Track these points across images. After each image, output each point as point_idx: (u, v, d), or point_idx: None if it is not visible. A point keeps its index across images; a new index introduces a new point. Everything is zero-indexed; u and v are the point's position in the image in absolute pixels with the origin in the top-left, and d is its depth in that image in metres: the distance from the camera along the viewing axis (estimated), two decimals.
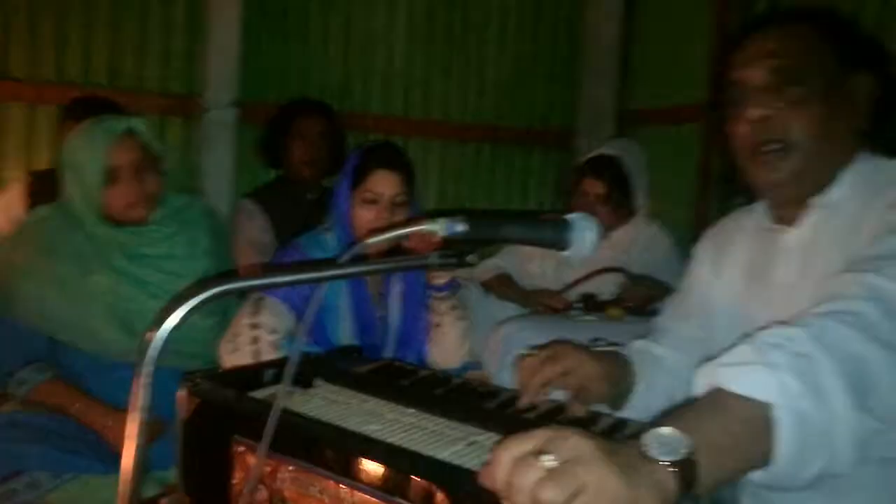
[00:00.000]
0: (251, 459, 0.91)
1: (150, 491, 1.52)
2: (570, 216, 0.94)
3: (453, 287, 1.84)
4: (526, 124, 3.74)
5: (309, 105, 2.84)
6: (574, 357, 1.12)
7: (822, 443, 0.72)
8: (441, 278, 1.81)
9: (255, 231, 2.62)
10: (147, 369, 0.70)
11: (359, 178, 1.74)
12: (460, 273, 1.91)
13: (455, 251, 0.88)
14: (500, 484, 0.62)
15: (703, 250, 1.34)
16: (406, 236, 0.84)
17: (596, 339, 1.68)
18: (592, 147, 3.56)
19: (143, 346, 0.70)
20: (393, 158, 1.76)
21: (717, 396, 0.74)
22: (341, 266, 0.81)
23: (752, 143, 1.08)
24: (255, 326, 1.59)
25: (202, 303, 0.72)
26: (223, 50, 3.07)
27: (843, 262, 1.00)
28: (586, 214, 0.94)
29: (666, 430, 0.67)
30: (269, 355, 1.55)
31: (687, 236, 2.98)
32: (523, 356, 1.14)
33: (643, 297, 2.18)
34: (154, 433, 1.59)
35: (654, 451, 0.64)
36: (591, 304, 2.09)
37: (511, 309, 2.33)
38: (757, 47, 1.10)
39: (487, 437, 0.93)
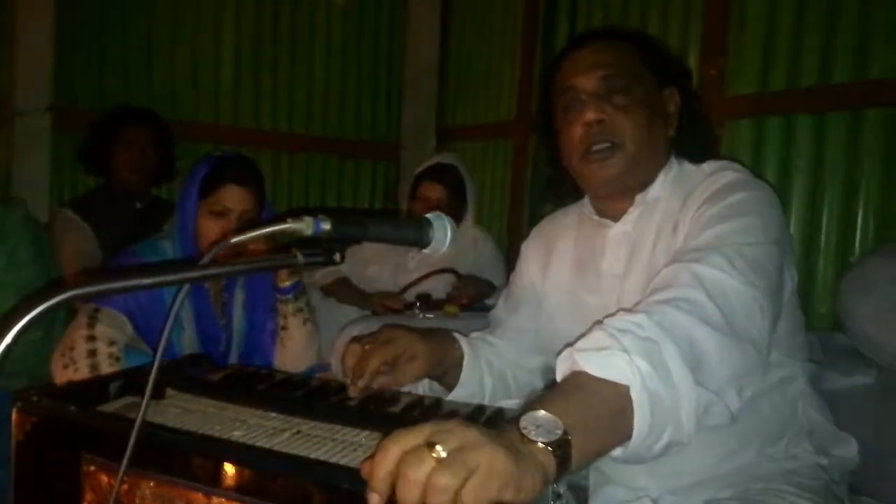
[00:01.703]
0: (104, 478, 0.79)
1: None
2: (429, 216, 0.93)
3: (298, 290, 1.76)
4: (354, 137, 3.70)
5: (136, 113, 2.61)
6: (403, 338, 1.12)
7: (669, 418, 0.76)
8: (286, 281, 1.72)
9: (79, 241, 2.36)
10: None
11: (208, 189, 1.61)
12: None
13: (320, 250, 0.83)
14: (386, 476, 0.59)
15: (530, 248, 1.38)
16: (272, 235, 0.77)
17: None
18: (416, 160, 3.63)
19: None
20: (246, 174, 1.65)
21: (580, 380, 0.75)
22: (202, 267, 0.73)
23: (586, 144, 1.12)
24: (91, 338, 1.41)
25: (43, 313, 0.61)
26: (34, 52, 2.74)
27: (665, 253, 1.07)
28: (439, 214, 0.94)
29: (541, 414, 0.67)
30: (107, 368, 1.38)
31: (501, 241, 3.13)
32: (350, 342, 1.11)
33: (473, 295, 2.23)
34: None
35: (532, 433, 0.65)
36: (429, 303, 2.10)
37: (351, 311, 2.28)
38: (588, 58, 1.15)
39: (355, 435, 0.88)
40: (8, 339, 0.58)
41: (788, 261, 1.06)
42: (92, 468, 0.80)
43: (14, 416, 0.86)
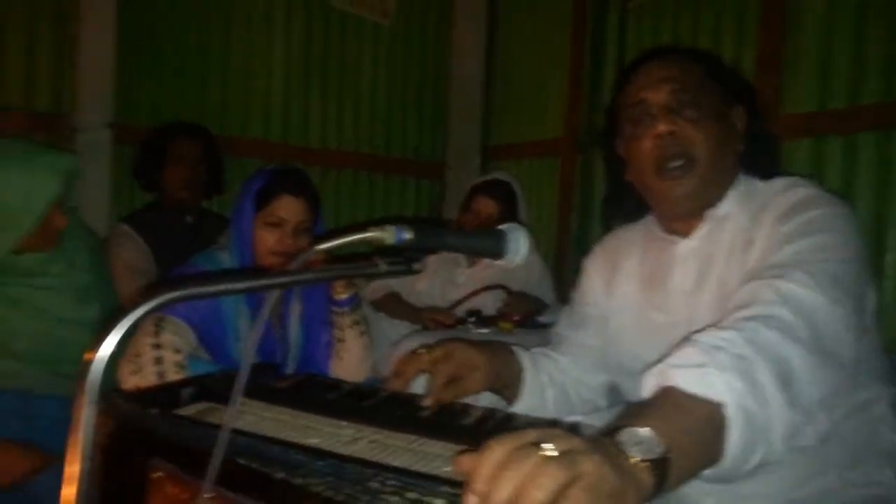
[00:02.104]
0: (169, 487, 0.80)
1: None
2: (504, 227, 0.93)
3: (354, 302, 1.77)
4: (400, 155, 3.73)
5: (186, 128, 2.65)
6: (463, 350, 1.12)
7: (762, 437, 0.74)
8: (343, 293, 1.74)
9: (132, 255, 2.39)
10: (91, 392, 0.59)
11: (264, 200, 1.64)
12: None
13: (401, 258, 0.84)
14: (490, 472, 0.56)
15: (593, 264, 1.37)
16: (356, 243, 0.78)
17: None
18: (461, 179, 3.65)
19: (85, 367, 0.59)
20: (301, 185, 1.68)
21: (675, 397, 0.74)
22: (292, 273, 0.74)
23: (659, 158, 1.11)
24: (157, 346, 1.44)
25: (148, 312, 0.63)
26: (96, 70, 2.82)
27: (738, 270, 1.05)
28: (515, 226, 0.94)
29: (641, 430, 0.65)
30: (173, 376, 1.41)
31: (548, 259, 3.11)
32: (414, 351, 1.11)
33: (525, 312, 2.22)
34: (40, 464, 1.40)
35: (632, 450, 0.63)
36: (482, 318, 2.09)
37: (402, 326, 2.29)
38: (658, 72, 1.14)
39: (431, 446, 0.88)
40: (113, 339, 0.59)
41: (869, 280, 1.03)
42: (159, 475, 0.80)
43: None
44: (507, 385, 1.21)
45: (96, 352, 0.58)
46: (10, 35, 2.71)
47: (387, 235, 0.79)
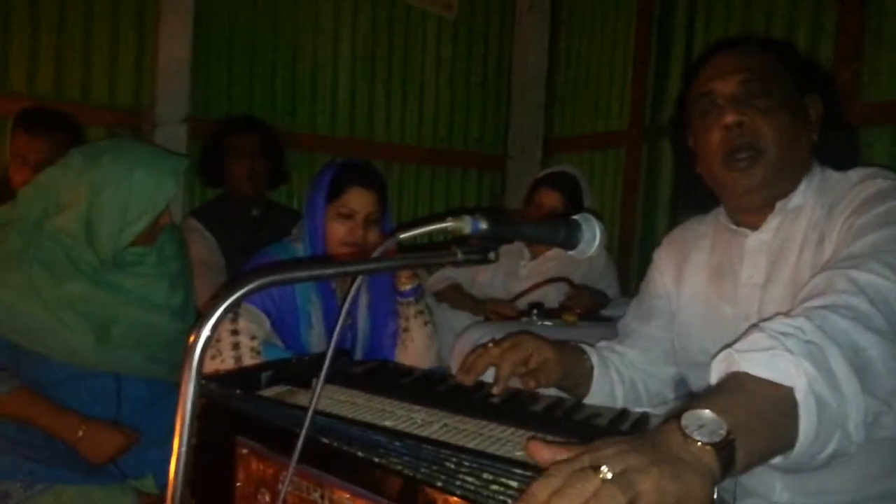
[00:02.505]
0: (254, 462, 0.84)
1: (126, 500, 1.41)
2: (577, 217, 0.94)
3: (418, 293, 1.81)
4: (462, 148, 3.76)
5: (240, 122, 2.72)
6: (531, 342, 1.13)
7: (836, 424, 0.73)
8: (407, 284, 1.78)
9: (201, 249, 2.47)
10: (194, 371, 0.63)
11: (335, 192, 1.69)
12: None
13: (477, 247, 0.86)
14: (548, 496, 0.57)
15: (662, 257, 1.36)
16: (435, 232, 0.81)
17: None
18: (522, 171, 3.65)
19: (190, 349, 0.63)
20: (370, 177, 1.73)
21: (742, 381, 0.74)
22: (375, 261, 0.77)
23: (726, 149, 1.10)
24: (235, 332, 1.51)
25: (242, 296, 0.67)
26: (174, 65, 2.94)
27: (810, 264, 1.03)
28: (588, 216, 0.95)
29: (704, 413, 0.66)
30: (249, 360, 1.47)
31: (612, 252, 3.09)
32: (483, 345, 1.13)
33: (588, 305, 2.21)
34: (129, 442, 1.48)
35: (695, 433, 0.63)
36: (545, 311, 2.10)
37: (464, 317, 2.32)
38: (727, 62, 1.13)
39: (502, 431, 0.90)
40: (213, 320, 0.63)
41: None
42: (245, 451, 0.85)
43: None
44: (577, 383, 1.23)
45: (199, 334, 0.62)
46: (95, 36, 2.86)
47: (464, 225, 0.82)
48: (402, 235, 0.78)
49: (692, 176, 1.23)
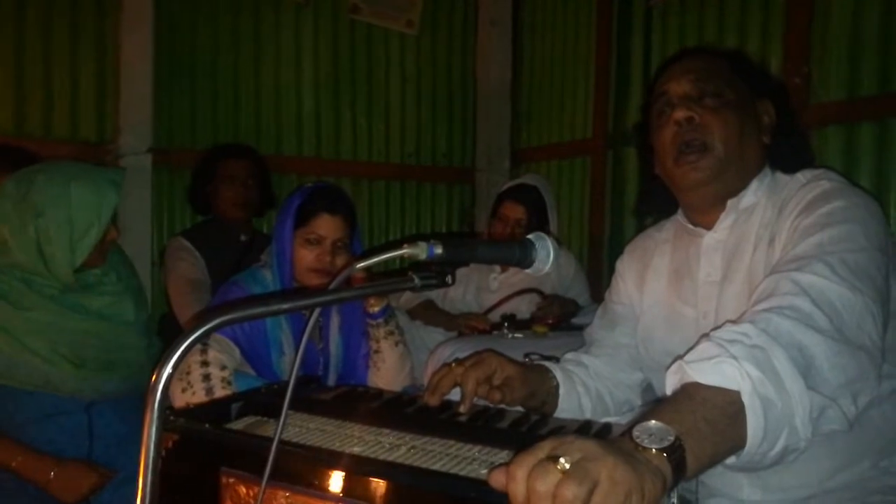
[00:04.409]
0: (242, 489, 0.86)
1: None
2: (531, 237, 0.97)
3: (388, 314, 1.82)
4: (430, 163, 3.79)
5: (235, 148, 2.77)
6: (495, 360, 1.16)
7: (784, 423, 0.77)
8: (376, 306, 1.79)
9: (189, 268, 2.51)
10: (157, 411, 0.64)
11: (302, 219, 1.70)
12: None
13: (434, 272, 0.88)
14: (519, 487, 0.62)
15: (625, 265, 1.40)
16: (392, 260, 0.83)
17: (528, 354, 1.71)
18: (492, 183, 3.69)
19: (152, 388, 0.64)
20: (338, 203, 1.74)
21: (691, 390, 0.77)
22: (333, 292, 0.79)
23: (677, 144, 1.14)
24: (205, 364, 1.51)
25: (204, 334, 0.68)
26: (136, 96, 2.94)
27: (764, 262, 1.07)
28: (541, 234, 0.97)
29: (653, 423, 0.70)
30: (221, 391, 1.48)
31: (582, 259, 3.13)
32: (447, 365, 1.16)
33: (559, 315, 2.25)
34: (102, 480, 1.48)
35: (645, 441, 0.67)
36: (517, 323, 2.13)
37: (438, 333, 2.33)
38: (683, 66, 1.19)
39: (468, 450, 0.92)
40: (172, 361, 0.65)
41: (893, 268, 1.04)
42: (231, 480, 0.86)
43: None
44: (544, 402, 1.25)
45: (161, 373, 0.63)
46: (55, 69, 2.85)
47: (420, 251, 0.84)
48: (359, 265, 0.80)
49: (654, 178, 1.28)
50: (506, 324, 2.10)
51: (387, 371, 1.80)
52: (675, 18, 2.84)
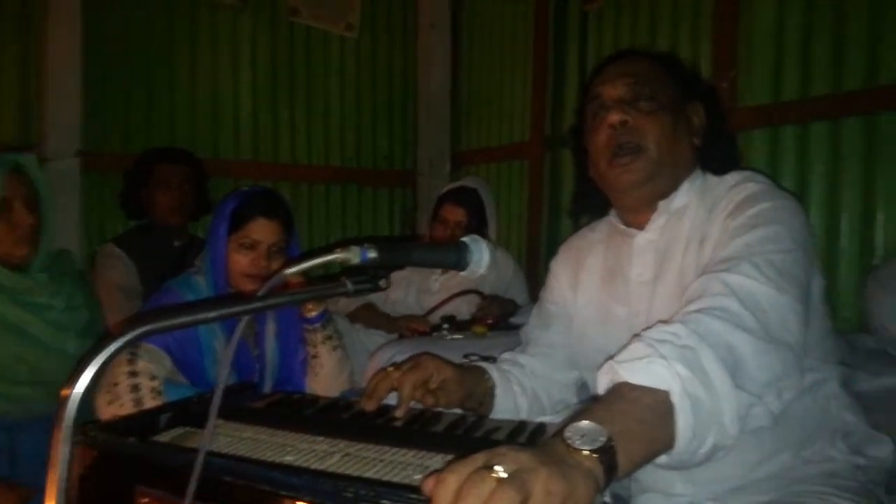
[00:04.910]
0: None
1: None
2: (465, 239, 0.96)
3: (325, 318, 1.79)
4: (371, 166, 3.76)
5: (169, 152, 2.69)
6: (431, 363, 1.16)
7: (712, 421, 0.78)
8: (313, 311, 1.76)
9: (120, 276, 2.43)
10: (67, 427, 0.61)
11: (237, 223, 1.66)
12: (328, 305, 1.87)
13: (367, 276, 0.87)
14: (450, 495, 0.61)
15: (559, 265, 1.41)
16: (323, 265, 0.81)
17: (468, 355, 1.71)
18: (433, 186, 3.69)
19: (62, 404, 0.61)
20: (274, 206, 1.70)
21: (622, 390, 0.78)
22: (262, 299, 0.76)
23: (611, 146, 1.16)
24: (133, 374, 1.45)
25: (121, 347, 0.65)
26: (63, 96, 2.82)
27: (694, 263, 1.10)
28: (476, 237, 0.97)
29: (584, 424, 0.69)
30: (150, 402, 1.42)
31: (521, 259, 3.16)
32: (383, 369, 1.14)
33: (498, 315, 2.26)
34: (23, 500, 1.40)
35: (577, 443, 0.67)
36: (456, 324, 2.13)
37: (378, 336, 2.31)
38: (617, 69, 1.20)
39: (403, 455, 0.91)
40: (89, 375, 0.62)
41: (815, 266, 1.08)
42: (145, 500, 0.83)
43: (75, 450, 0.88)
44: (481, 402, 1.25)
45: (72, 388, 0.60)
46: None
47: (352, 256, 0.83)
48: (288, 271, 0.78)
49: (588, 179, 1.29)
50: (445, 325, 2.10)
51: (325, 376, 1.77)
52: (609, 23, 2.89)
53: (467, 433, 0.99)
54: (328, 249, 0.82)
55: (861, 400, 1.20)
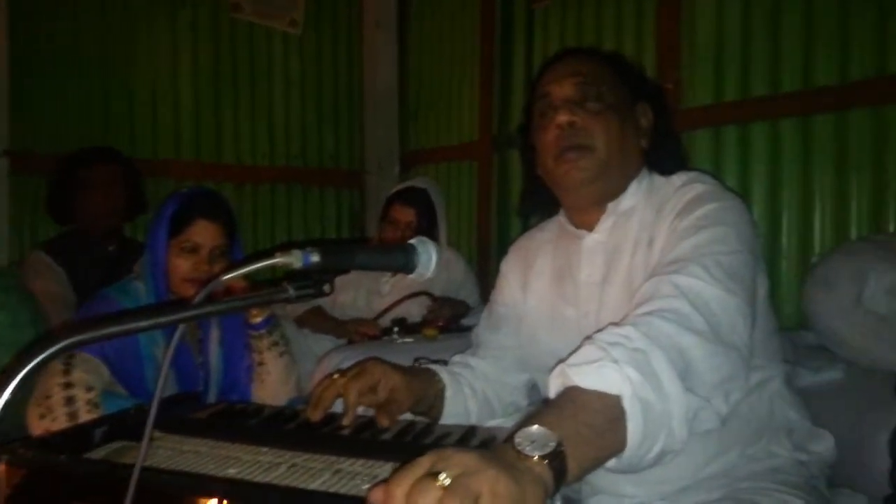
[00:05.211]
0: None
1: None
2: (413, 241, 0.95)
3: (271, 324, 1.75)
4: (317, 166, 3.70)
5: (96, 153, 2.56)
6: (378, 368, 1.14)
7: (662, 425, 0.79)
8: (258, 317, 1.72)
9: (49, 284, 2.31)
10: None
11: (178, 226, 1.60)
12: (275, 310, 1.83)
13: (311, 281, 0.84)
14: None
15: (509, 265, 1.40)
16: (261, 270, 0.78)
17: (418, 359, 1.69)
18: (381, 186, 3.65)
19: None
20: (215, 208, 1.65)
21: (573, 394, 0.77)
22: (199, 306, 0.73)
23: (559, 146, 1.16)
24: (68, 385, 1.39)
25: (47, 359, 0.61)
26: None
27: (643, 264, 1.10)
28: (424, 239, 0.96)
29: (535, 429, 0.69)
30: (86, 415, 1.36)
31: (471, 260, 3.16)
32: (329, 376, 1.12)
33: (449, 317, 2.25)
34: None
35: (527, 449, 0.66)
36: (407, 327, 2.11)
37: (327, 341, 2.28)
38: (565, 68, 1.20)
39: (351, 464, 0.89)
40: (7, 391, 0.58)
41: (760, 267, 1.10)
42: None
43: (2, 470, 0.84)
44: (432, 406, 1.23)
45: None
46: None
47: (294, 260, 0.80)
48: (226, 276, 0.75)
49: (536, 178, 1.28)
50: (395, 329, 2.08)
51: (272, 384, 1.72)
52: (555, 24, 2.91)
53: (416, 439, 0.98)
54: (270, 253, 0.79)
55: (802, 395, 1.23)
